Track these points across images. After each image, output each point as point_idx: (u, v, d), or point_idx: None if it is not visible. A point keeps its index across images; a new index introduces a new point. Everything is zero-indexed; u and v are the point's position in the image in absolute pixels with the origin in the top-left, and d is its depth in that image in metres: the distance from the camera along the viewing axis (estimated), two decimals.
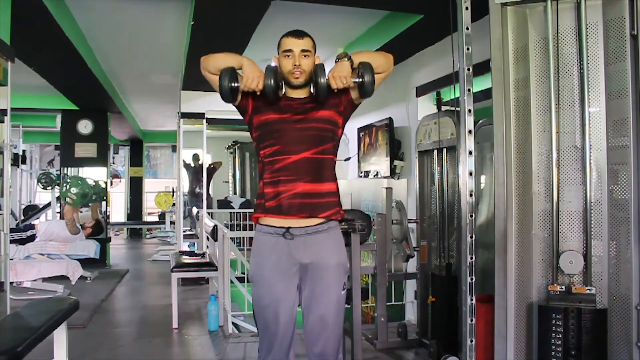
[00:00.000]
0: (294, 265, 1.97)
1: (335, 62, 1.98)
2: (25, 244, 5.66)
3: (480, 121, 2.99)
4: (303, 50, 1.97)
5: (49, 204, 8.40)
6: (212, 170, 9.64)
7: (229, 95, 1.97)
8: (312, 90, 2.06)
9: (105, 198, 7.25)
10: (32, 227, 6.08)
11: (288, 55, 1.98)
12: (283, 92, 2.07)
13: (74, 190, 6.18)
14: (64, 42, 3.99)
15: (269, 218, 1.99)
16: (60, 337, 2.59)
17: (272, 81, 1.93)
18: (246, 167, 11.17)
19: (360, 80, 1.95)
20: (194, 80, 5.69)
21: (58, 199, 7.82)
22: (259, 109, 2.03)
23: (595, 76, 2.20)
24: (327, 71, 1.96)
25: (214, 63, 2.02)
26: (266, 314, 1.99)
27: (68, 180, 6.37)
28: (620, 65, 2.15)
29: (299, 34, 2.00)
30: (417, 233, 3.87)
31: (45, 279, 5.22)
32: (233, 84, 1.96)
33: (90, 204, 6.74)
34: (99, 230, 6.55)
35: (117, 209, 11.07)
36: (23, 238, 5.75)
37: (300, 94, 2.05)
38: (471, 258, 2.33)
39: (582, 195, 2.21)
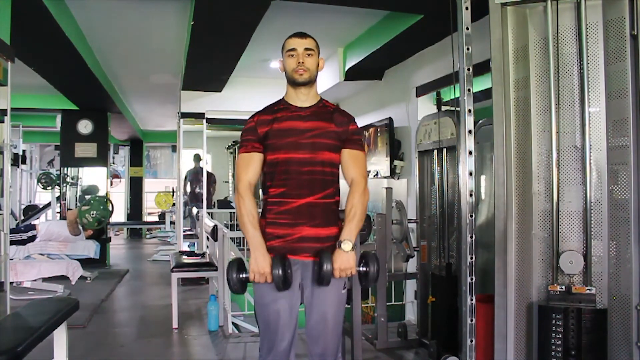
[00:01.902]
0: (295, 263, 1.98)
1: (337, 245, 1.95)
2: (25, 244, 5.66)
3: (480, 121, 2.98)
4: (306, 49, 2.01)
5: (49, 204, 8.39)
6: (210, 175, 9.64)
7: (238, 288, 1.98)
8: (319, 107, 2.07)
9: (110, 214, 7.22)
10: (33, 227, 6.07)
11: (292, 55, 2.01)
12: (285, 98, 2.08)
13: (93, 213, 6.15)
14: (64, 42, 3.99)
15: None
16: (60, 337, 2.59)
17: (281, 271, 1.89)
18: None
19: (366, 270, 1.99)
20: (194, 80, 5.70)
21: (58, 199, 7.83)
22: (270, 146, 2.02)
23: (595, 76, 2.20)
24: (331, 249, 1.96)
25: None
26: (267, 313, 1.99)
27: (91, 202, 6.29)
28: (620, 65, 2.15)
29: (302, 34, 2.04)
30: (417, 233, 3.87)
31: (45, 279, 5.22)
32: (242, 276, 1.97)
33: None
34: (100, 234, 6.56)
35: (117, 209, 11.03)
36: (24, 239, 5.74)
37: (306, 99, 2.05)
38: (471, 258, 2.33)
39: (582, 195, 2.21)
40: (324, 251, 1.94)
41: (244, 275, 1.96)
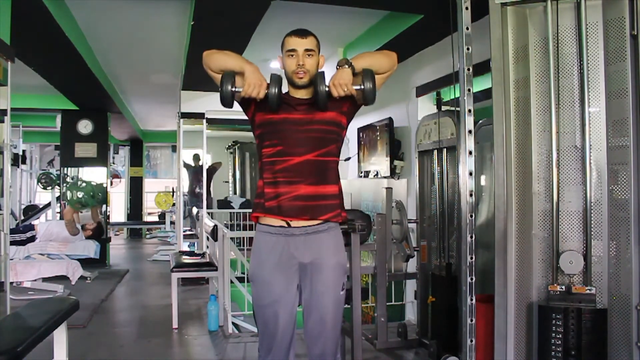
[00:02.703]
0: (294, 265, 1.97)
1: (336, 68, 1.95)
2: (25, 244, 5.66)
3: (480, 121, 2.98)
4: (307, 50, 1.96)
5: (49, 204, 8.39)
6: (212, 170, 9.64)
7: (229, 100, 1.94)
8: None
9: (106, 200, 7.25)
10: (32, 227, 6.08)
11: (292, 55, 1.97)
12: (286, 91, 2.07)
13: (80, 194, 6.15)
14: (64, 42, 3.99)
15: (269, 218, 1.98)
16: (60, 337, 2.59)
17: (276, 90, 1.89)
18: (246, 167, 11.16)
19: (362, 87, 1.94)
20: (194, 80, 5.70)
21: (58, 199, 7.83)
22: (262, 106, 2.00)
23: (595, 76, 2.20)
24: (327, 78, 1.94)
25: (217, 63, 2.00)
26: (266, 314, 1.98)
27: (70, 187, 6.27)
28: (620, 65, 2.15)
29: (302, 33, 1.98)
30: (417, 233, 3.87)
31: (45, 279, 5.22)
32: (234, 89, 1.93)
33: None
34: (100, 233, 6.56)
35: (117, 209, 11.07)
36: (23, 239, 5.74)
37: (304, 94, 2.03)
38: (471, 258, 2.33)
39: (582, 195, 2.21)
40: (318, 73, 1.94)
41: (237, 90, 1.93)
